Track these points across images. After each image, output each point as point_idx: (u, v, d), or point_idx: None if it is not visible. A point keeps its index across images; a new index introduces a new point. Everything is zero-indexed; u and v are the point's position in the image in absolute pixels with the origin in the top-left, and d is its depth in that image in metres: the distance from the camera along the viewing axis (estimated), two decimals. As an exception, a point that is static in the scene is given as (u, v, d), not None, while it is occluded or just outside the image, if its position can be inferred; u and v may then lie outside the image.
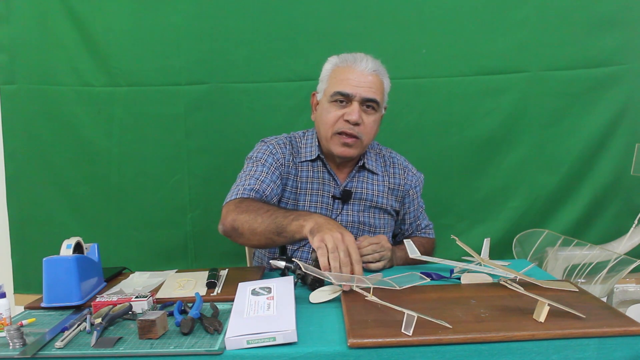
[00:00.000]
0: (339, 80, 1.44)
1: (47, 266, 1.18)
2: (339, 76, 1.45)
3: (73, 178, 2.06)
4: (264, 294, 1.08)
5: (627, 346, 0.88)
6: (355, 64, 1.44)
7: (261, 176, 1.44)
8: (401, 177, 1.60)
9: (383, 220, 1.57)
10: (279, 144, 1.53)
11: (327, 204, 1.52)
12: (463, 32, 1.96)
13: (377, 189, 1.56)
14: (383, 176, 1.58)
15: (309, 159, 1.52)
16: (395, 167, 1.61)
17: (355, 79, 1.43)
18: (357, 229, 1.54)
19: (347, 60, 1.46)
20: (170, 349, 0.92)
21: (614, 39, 1.95)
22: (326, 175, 1.53)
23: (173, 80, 1.99)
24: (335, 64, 1.49)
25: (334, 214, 1.52)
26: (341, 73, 1.45)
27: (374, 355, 0.88)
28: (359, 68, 1.44)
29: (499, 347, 0.88)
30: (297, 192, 1.51)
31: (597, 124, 2.00)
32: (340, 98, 1.43)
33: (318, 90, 1.53)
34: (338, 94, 1.43)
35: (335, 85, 1.44)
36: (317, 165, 1.53)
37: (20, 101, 2.02)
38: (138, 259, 2.05)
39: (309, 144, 1.55)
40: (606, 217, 2.05)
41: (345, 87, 1.42)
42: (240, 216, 1.30)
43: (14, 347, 0.96)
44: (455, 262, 1.33)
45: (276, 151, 1.51)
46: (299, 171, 1.52)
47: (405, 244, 1.35)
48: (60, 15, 1.97)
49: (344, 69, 1.45)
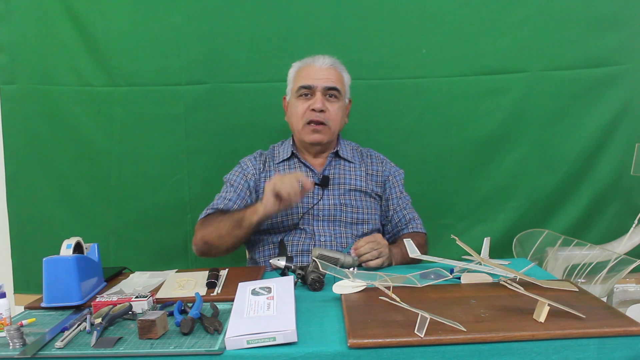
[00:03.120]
0: (301, 77, 1.65)
1: (47, 266, 1.18)
2: (301, 74, 1.66)
3: (73, 178, 2.06)
4: (264, 294, 1.08)
5: (627, 346, 0.88)
6: (314, 62, 1.65)
7: (228, 195, 1.64)
8: (379, 165, 1.73)
9: (365, 203, 1.66)
10: (250, 159, 1.72)
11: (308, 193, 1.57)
12: (463, 32, 1.96)
13: (355, 174, 1.69)
14: (360, 164, 1.72)
15: (284, 158, 1.70)
16: (372, 159, 1.75)
17: (315, 73, 1.63)
18: (341, 210, 1.62)
19: (306, 61, 1.68)
20: (170, 349, 0.92)
21: (614, 39, 1.95)
22: (303, 169, 1.69)
23: (173, 80, 1.99)
24: (297, 67, 1.69)
25: (315, 199, 1.61)
26: (302, 71, 1.66)
27: (374, 355, 0.88)
28: (317, 64, 1.65)
29: (499, 347, 0.88)
30: None
31: (597, 124, 2.00)
32: (304, 92, 1.63)
33: (286, 93, 1.73)
34: (302, 87, 1.63)
35: (298, 81, 1.65)
36: (293, 163, 1.70)
37: (20, 101, 2.02)
38: (138, 259, 2.05)
39: (284, 147, 1.73)
40: (606, 217, 2.05)
41: (307, 80, 1.62)
42: (206, 230, 1.55)
43: (14, 347, 0.96)
44: (455, 262, 1.33)
45: (247, 166, 1.70)
46: (277, 171, 1.68)
47: (405, 244, 1.36)
48: (60, 15, 1.96)
49: (305, 68, 1.66)
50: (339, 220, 1.60)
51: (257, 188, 1.67)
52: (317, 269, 1.19)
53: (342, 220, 1.60)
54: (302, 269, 1.24)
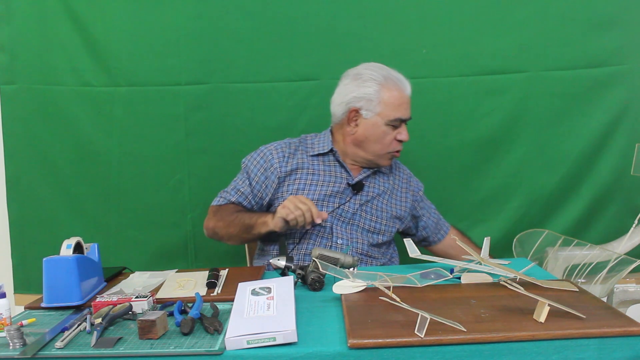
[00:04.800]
0: (397, 105, 1.57)
1: (47, 266, 1.18)
2: (395, 101, 1.56)
3: (73, 178, 2.06)
4: (264, 294, 1.08)
5: (627, 346, 0.89)
6: (404, 89, 1.58)
7: (243, 187, 1.64)
8: (403, 181, 1.75)
9: (385, 214, 1.66)
10: (276, 150, 1.65)
11: (337, 192, 1.60)
12: (463, 32, 1.96)
13: (383, 185, 1.68)
14: (388, 176, 1.71)
15: (320, 152, 1.65)
16: (400, 171, 1.77)
17: (406, 104, 1.59)
18: (360, 216, 1.61)
19: (396, 84, 1.57)
20: (170, 349, 0.92)
21: (614, 39, 1.95)
22: (337, 167, 1.65)
23: (173, 80, 1.99)
24: (381, 84, 1.56)
25: (343, 200, 1.61)
26: (395, 98, 1.56)
27: (374, 356, 0.88)
28: (406, 92, 1.59)
29: (499, 347, 0.88)
30: (310, 183, 1.61)
31: (597, 124, 2.00)
32: (398, 123, 1.58)
33: (362, 108, 1.57)
34: (399, 120, 1.58)
35: (395, 111, 1.56)
36: (328, 159, 1.66)
37: (20, 101, 2.02)
38: (138, 259, 2.04)
39: (320, 140, 1.68)
40: (606, 217, 2.05)
41: (404, 113, 1.58)
42: (218, 223, 1.61)
43: (14, 347, 0.96)
44: (456, 262, 1.33)
45: (272, 157, 1.64)
46: (311, 164, 1.64)
47: (406, 243, 1.36)
48: (60, 15, 1.96)
49: (397, 94, 1.57)
50: (357, 225, 1.60)
51: (281, 181, 1.62)
52: (317, 269, 1.19)
53: (360, 225, 1.60)
54: (302, 269, 1.25)
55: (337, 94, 1.63)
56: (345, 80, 1.61)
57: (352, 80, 1.59)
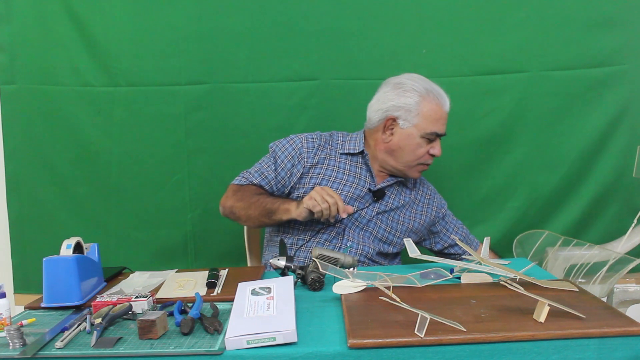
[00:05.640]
0: (435, 120, 1.55)
1: (47, 266, 1.18)
2: (433, 115, 1.55)
3: (73, 178, 2.06)
4: (264, 294, 1.09)
5: (627, 346, 0.89)
6: (444, 104, 1.57)
7: (267, 171, 1.61)
8: (426, 197, 1.73)
9: (401, 226, 1.64)
10: (307, 138, 1.64)
11: (358, 196, 1.59)
12: (463, 32, 1.96)
13: (404, 199, 1.66)
14: (411, 190, 1.70)
15: (350, 152, 1.63)
16: (424, 187, 1.75)
17: (444, 119, 1.58)
18: (375, 224, 1.61)
19: (437, 98, 1.56)
20: (170, 349, 0.92)
21: (614, 39, 1.95)
22: (364, 171, 1.63)
23: (173, 80, 1.99)
24: (422, 96, 1.55)
25: (362, 204, 1.59)
26: (435, 112, 1.55)
27: (374, 356, 0.88)
28: (445, 107, 1.57)
29: (499, 347, 0.88)
30: (333, 180, 1.60)
31: (597, 124, 2.00)
32: (433, 137, 1.57)
33: (400, 117, 1.56)
34: (435, 134, 1.56)
35: (432, 124, 1.55)
36: (355, 160, 1.64)
37: (20, 101, 2.02)
38: (138, 259, 2.04)
39: (353, 140, 1.66)
40: (606, 217, 2.05)
41: (440, 128, 1.57)
42: (237, 203, 1.57)
43: (14, 347, 0.96)
44: (456, 262, 1.33)
45: (302, 146, 1.61)
46: (338, 162, 1.62)
47: (406, 243, 1.36)
48: (60, 15, 1.96)
49: (436, 108, 1.56)
50: (370, 232, 1.60)
51: (305, 171, 1.60)
52: (317, 269, 1.19)
53: (374, 233, 1.60)
54: (302, 269, 1.25)
55: (376, 100, 1.61)
56: (386, 87, 1.60)
57: (392, 88, 1.57)
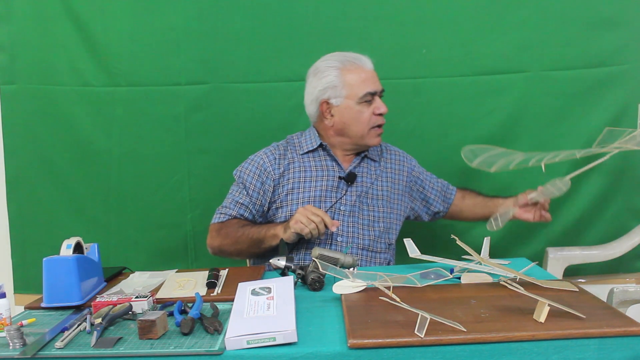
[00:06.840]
0: (361, 81, 1.58)
1: (47, 266, 1.18)
2: (357, 78, 1.58)
3: (73, 178, 2.05)
4: (264, 294, 1.09)
5: (627, 346, 0.89)
6: (364, 64, 1.60)
7: (241, 199, 1.63)
8: (395, 163, 1.75)
9: (381, 202, 1.66)
10: (266, 155, 1.66)
11: (332, 186, 1.61)
12: (463, 32, 1.96)
13: (375, 173, 1.68)
14: (379, 162, 1.72)
15: (310, 149, 1.66)
16: (389, 153, 1.76)
17: (371, 77, 1.59)
18: (359, 208, 1.62)
19: (354, 62, 1.59)
20: (170, 349, 0.92)
21: (614, 39, 1.94)
22: (329, 162, 1.66)
23: (173, 80, 1.99)
24: (339, 68, 1.59)
25: (339, 194, 1.61)
26: (357, 75, 1.58)
27: (374, 356, 0.88)
28: (367, 66, 1.60)
29: (499, 347, 0.88)
30: (303, 181, 1.62)
31: (597, 124, 1.99)
32: (369, 98, 1.58)
33: (330, 97, 1.59)
34: (368, 94, 1.57)
35: (361, 87, 1.57)
36: (318, 155, 1.67)
37: (20, 101, 2.02)
38: (138, 259, 2.04)
39: (308, 138, 1.69)
40: (606, 217, 2.04)
41: (371, 86, 1.58)
42: (224, 241, 1.58)
43: (14, 347, 0.96)
44: (456, 262, 1.33)
45: (263, 162, 1.64)
46: (302, 163, 1.65)
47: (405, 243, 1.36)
48: (60, 15, 1.96)
49: (357, 71, 1.59)
50: (357, 217, 1.60)
51: (276, 184, 1.62)
52: (317, 269, 1.19)
53: (360, 217, 1.61)
54: (302, 269, 1.25)
55: (306, 95, 1.66)
56: (308, 79, 1.65)
57: (312, 76, 1.63)
